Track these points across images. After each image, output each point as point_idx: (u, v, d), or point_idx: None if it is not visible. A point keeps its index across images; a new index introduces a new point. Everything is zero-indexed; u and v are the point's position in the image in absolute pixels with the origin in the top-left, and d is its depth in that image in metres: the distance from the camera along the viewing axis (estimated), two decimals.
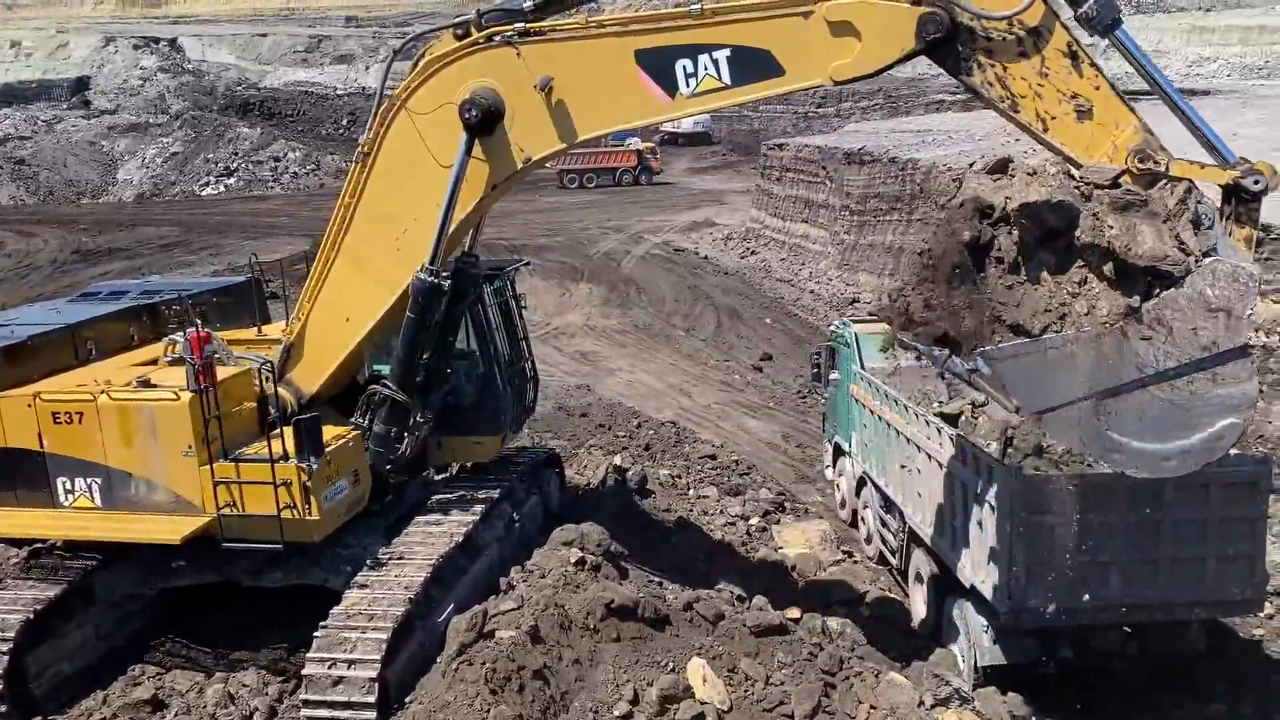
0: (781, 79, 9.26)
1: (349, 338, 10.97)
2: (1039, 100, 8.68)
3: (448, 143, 10.10)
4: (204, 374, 10.12)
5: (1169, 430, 7.95)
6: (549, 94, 9.76)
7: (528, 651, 9.36)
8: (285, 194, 64.32)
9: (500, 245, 41.09)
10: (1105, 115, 8.63)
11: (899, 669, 10.89)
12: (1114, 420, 8.02)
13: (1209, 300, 7.75)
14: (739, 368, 26.87)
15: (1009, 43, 8.60)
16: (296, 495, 10.14)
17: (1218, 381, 7.78)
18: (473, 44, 10.04)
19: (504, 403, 12.33)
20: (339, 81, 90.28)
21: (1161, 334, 7.90)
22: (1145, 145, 8.47)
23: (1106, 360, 8.03)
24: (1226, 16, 75.79)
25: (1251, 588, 10.89)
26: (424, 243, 10.37)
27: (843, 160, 36.38)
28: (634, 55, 9.50)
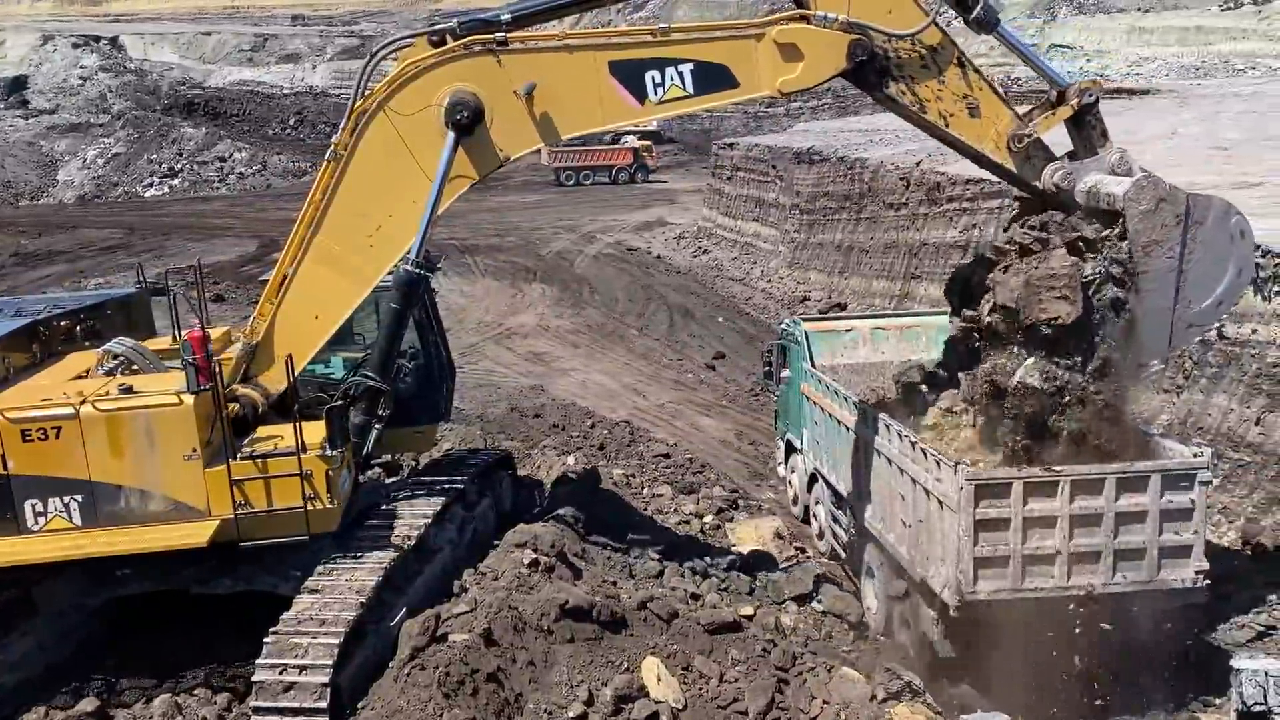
0: (737, 90, 10.95)
1: (319, 335, 11.16)
2: (940, 103, 11.11)
3: (426, 144, 10.75)
4: (206, 374, 9.99)
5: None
6: (530, 99, 10.69)
7: (481, 654, 9.33)
8: (231, 195, 63.36)
9: (451, 245, 40.84)
10: (989, 110, 11.24)
11: (851, 664, 11.01)
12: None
13: (1150, 219, 10.31)
14: (692, 366, 26.97)
15: (914, 58, 10.96)
16: (320, 486, 10.19)
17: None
18: (453, 51, 10.74)
19: (443, 393, 12.80)
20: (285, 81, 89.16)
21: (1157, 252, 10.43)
22: (1018, 129, 11.19)
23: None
24: (1165, 18, 77.47)
25: (1192, 577, 11.15)
26: (397, 239, 10.92)
27: (792, 160, 36.63)
28: (607, 66, 10.75)
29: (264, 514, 10.19)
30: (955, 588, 10.84)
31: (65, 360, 11.94)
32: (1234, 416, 15.56)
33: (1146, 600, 11.28)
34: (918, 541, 11.79)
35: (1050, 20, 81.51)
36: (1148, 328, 10.61)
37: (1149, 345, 10.83)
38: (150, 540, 10.01)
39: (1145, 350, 10.87)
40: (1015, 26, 14.21)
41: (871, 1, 10.74)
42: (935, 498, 11.21)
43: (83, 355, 11.99)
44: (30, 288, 36.00)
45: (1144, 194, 10.37)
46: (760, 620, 11.71)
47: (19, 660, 10.48)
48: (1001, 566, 10.83)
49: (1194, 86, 54.18)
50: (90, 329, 12.63)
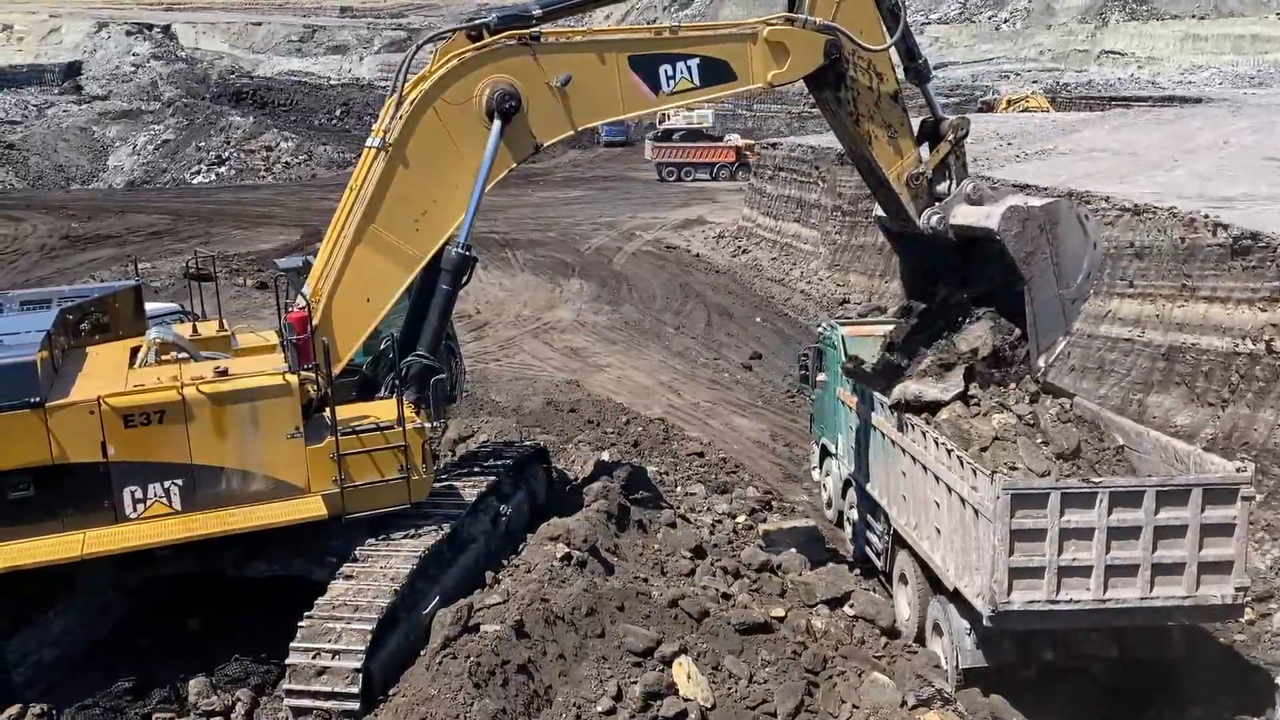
0: (735, 83, 12.66)
1: (370, 318, 11.59)
2: (871, 122, 13.07)
3: (470, 131, 11.51)
4: (306, 354, 10.41)
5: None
6: (564, 90, 11.76)
7: (512, 646, 9.39)
8: (277, 184, 64.09)
9: (492, 239, 41.06)
10: (904, 145, 13.29)
11: (882, 669, 10.95)
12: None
13: (1022, 238, 12.49)
14: (728, 366, 26.91)
15: (866, 75, 12.87)
16: (416, 457, 10.74)
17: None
18: (493, 45, 11.50)
19: (458, 378, 13.29)
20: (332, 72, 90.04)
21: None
22: (917, 170, 13.27)
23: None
24: (1220, 25, 76.16)
25: (1232, 594, 10.96)
26: (442, 224, 11.60)
27: (835, 161, 36.37)
28: (628, 61, 12.04)
29: (366, 486, 10.60)
30: (989, 597, 10.74)
31: (97, 350, 11.99)
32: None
33: (1185, 616, 11.12)
34: (952, 549, 11.70)
35: (1101, 26, 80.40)
36: (1044, 316, 12.64)
37: (1050, 327, 12.80)
38: (264, 517, 10.21)
39: (1049, 332, 12.78)
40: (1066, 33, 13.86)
41: (849, 16, 12.70)
42: (971, 506, 11.11)
43: (113, 346, 12.12)
44: (79, 270, 36.68)
45: (1012, 222, 12.41)
46: (791, 622, 11.68)
47: (58, 637, 10.67)
48: (1036, 577, 10.71)
49: (1249, 95, 53.16)
50: (98, 322, 12.78)
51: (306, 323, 10.62)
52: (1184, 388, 17.89)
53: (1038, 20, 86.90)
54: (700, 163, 61.58)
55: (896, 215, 13.66)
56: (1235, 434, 16.10)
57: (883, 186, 13.39)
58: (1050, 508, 10.62)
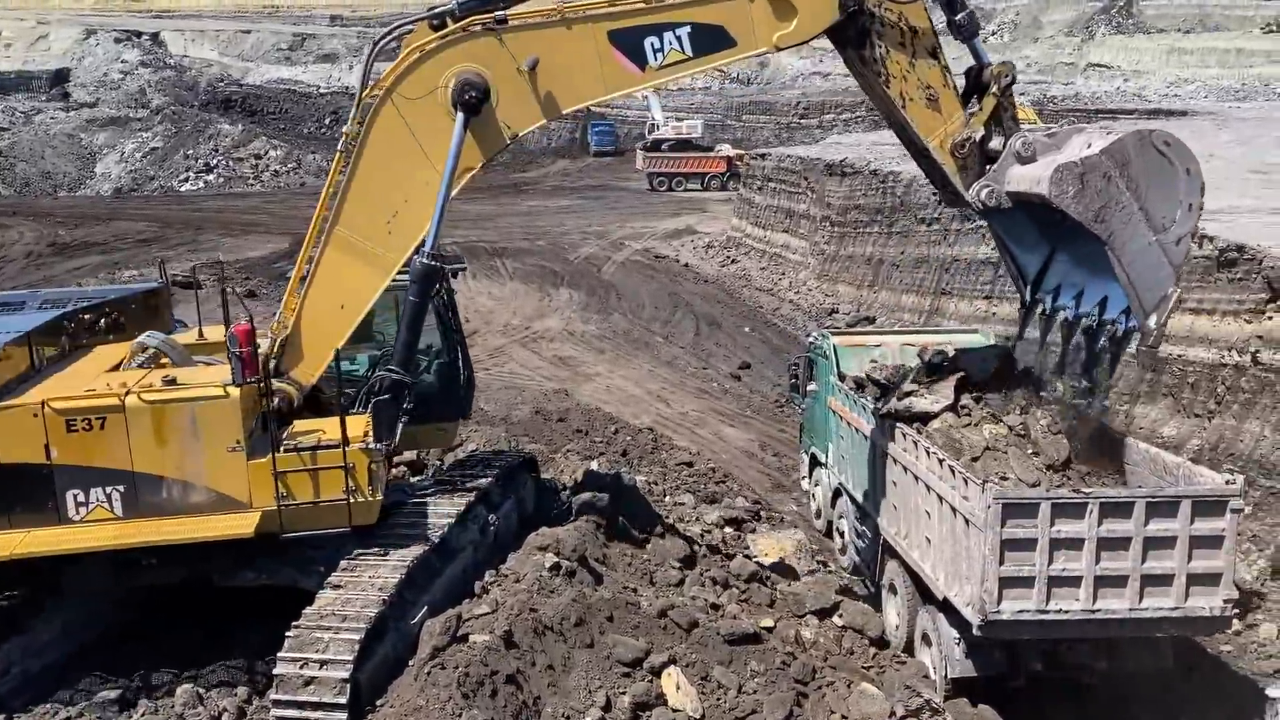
0: (734, 49, 11.15)
1: (345, 325, 11.23)
2: (904, 82, 11.30)
3: (435, 127, 10.79)
4: (251, 367, 10.10)
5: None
6: (533, 74, 10.79)
7: (501, 656, 9.34)
8: (266, 192, 63.96)
9: (481, 248, 41.05)
10: (946, 107, 11.43)
11: (871, 680, 10.93)
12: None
13: (1084, 196, 10.68)
14: (717, 376, 26.92)
15: (895, 31, 11.17)
16: (362, 479, 10.32)
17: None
18: (455, 33, 10.77)
19: (464, 390, 12.90)
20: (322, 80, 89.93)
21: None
22: (963, 135, 11.44)
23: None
24: (1204, 39, 76.81)
25: (1220, 605, 10.98)
26: (415, 224, 10.98)
27: (824, 171, 36.53)
28: (607, 36, 10.85)
29: (307, 506, 10.30)
30: (979, 607, 10.74)
31: (94, 353, 12.05)
32: (1266, 444, 15.38)
33: (1174, 628, 11.15)
34: (942, 559, 11.70)
35: (1088, 39, 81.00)
36: (1141, 270, 10.88)
37: (1152, 281, 10.96)
38: (195, 530, 10.08)
39: (1151, 287, 10.95)
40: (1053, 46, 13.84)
41: None
42: (962, 515, 11.13)
43: (111, 348, 12.11)
44: (66, 278, 36.49)
45: (1065, 183, 10.62)
46: (780, 633, 11.66)
47: (43, 646, 10.59)
48: (1026, 587, 10.72)
49: (1233, 109, 53.60)
50: (114, 322, 12.77)
51: (250, 335, 10.15)
52: (1171, 399, 17.98)
53: (1025, 33, 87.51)
54: (691, 172, 61.91)
55: (944, 189, 12.01)
56: (1222, 445, 16.19)
57: (924, 156, 11.72)
58: (1040, 518, 10.63)
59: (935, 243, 28.62)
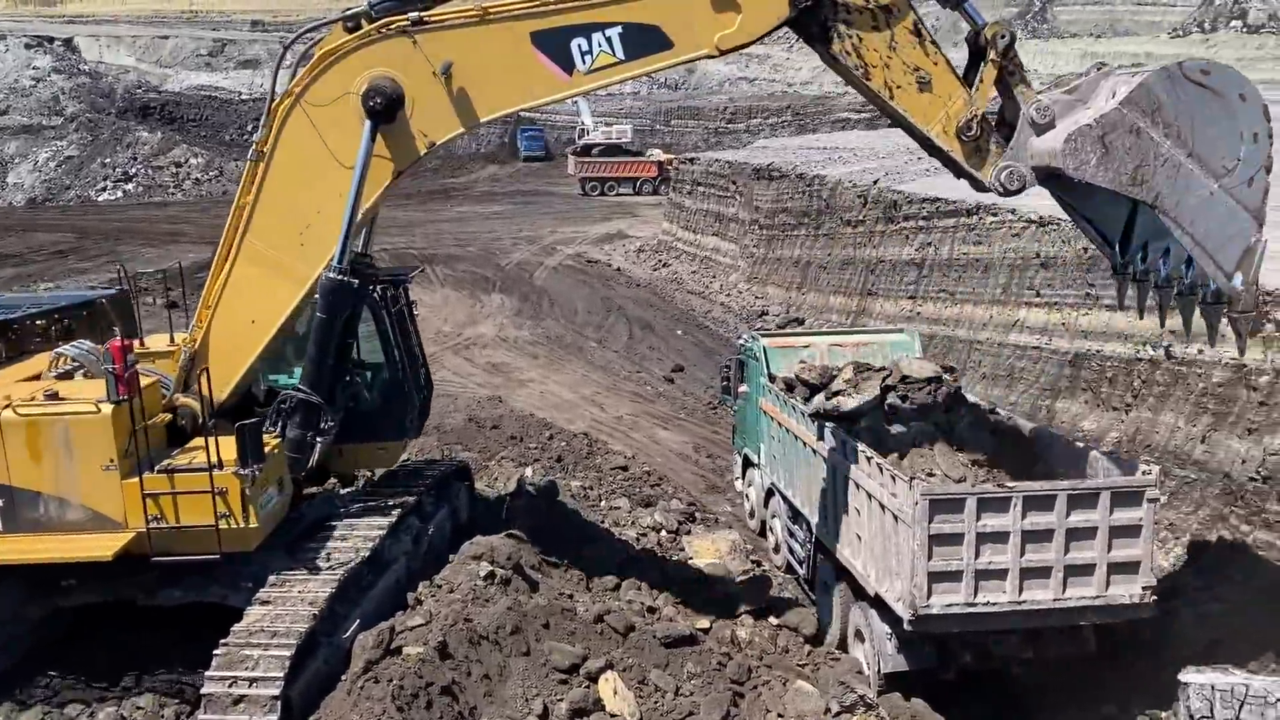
0: (671, 51, 10.08)
1: (256, 341, 10.80)
2: (888, 70, 10.02)
3: (347, 134, 10.24)
4: (126, 384, 9.79)
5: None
6: (449, 79, 10.08)
7: (436, 667, 9.26)
8: (187, 201, 62.54)
9: (410, 254, 40.62)
10: (941, 88, 10.08)
11: (806, 677, 11.06)
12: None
13: (1110, 159, 9.28)
14: (651, 379, 27.00)
15: (865, 15, 9.92)
16: (235, 504, 9.91)
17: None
18: (367, 35, 10.22)
19: (408, 408, 12.34)
20: (244, 86, 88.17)
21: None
22: (971, 117, 10.05)
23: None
24: (1116, 43, 79.26)
25: (1140, 592, 11.33)
26: (328, 237, 10.43)
27: (752, 175, 36.90)
28: (529, 37, 10.01)
29: (176, 529, 9.95)
30: (909, 602, 10.93)
31: (29, 360, 11.81)
32: (1180, 435, 15.87)
33: (1096, 616, 11.46)
34: (873, 555, 11.89)
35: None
36: (1209, 224, 9.34)
37: (1228, 232, 9.39)
38: (60, 550, 9.84)
39: (1226, 241, 9.42)
40: None
41: None
42: (891, 512, 11.31)
43: (47, 356, 11.82)
44: None
45: (1083, 150, 9.30)
46: (716, 634, 11.73)
47: None
48: (955, 581, 10.93)
49: None
50: (66, 329, 12.42)
51: (124, 352, 9.81)
52: (1090, 393, 18.48)
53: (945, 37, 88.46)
54: (624, 177, 62.31)
55: (961, 178, 10.61)
56: (1139, 437, 16.67)
57: (931, 146, 10.39)
58: (967, 512, 10.86)
59: (861, 244, 29.06)
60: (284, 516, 10.95)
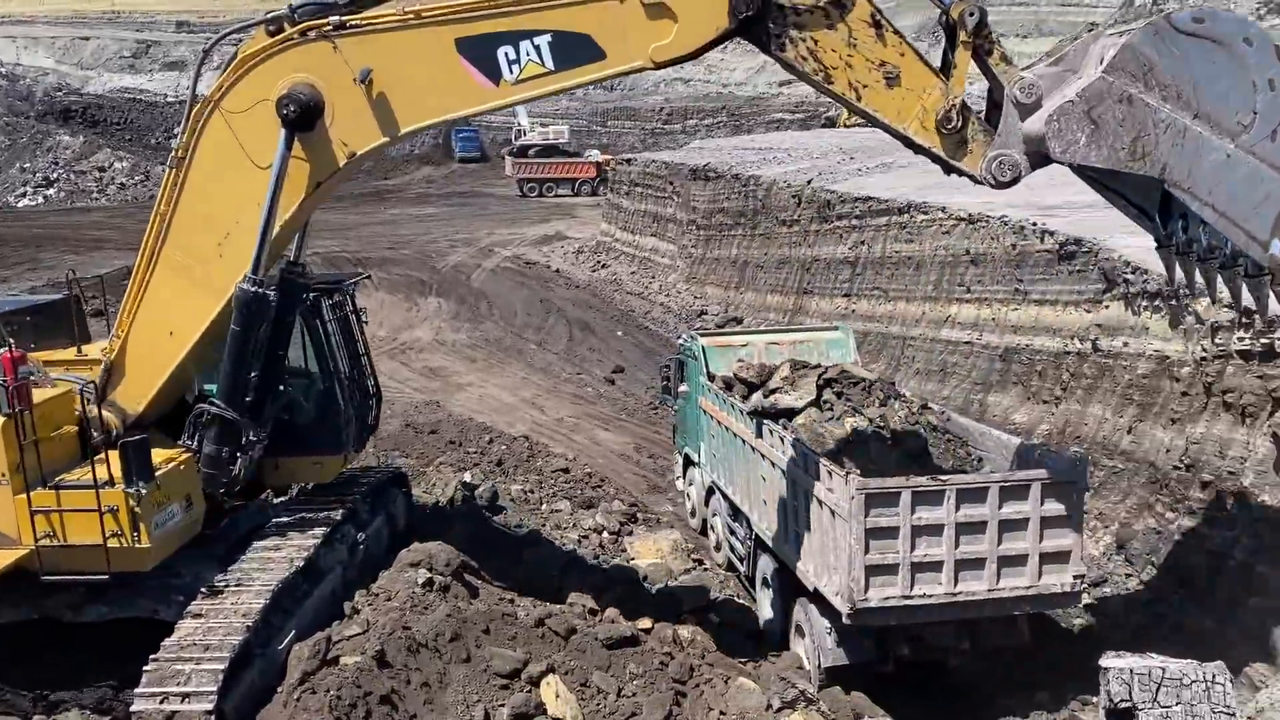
0: (604, 63, 9.44)
1: (174, 353, 10.47)
2: (850, 70, 9.21)
3: (266, 142, 9.83)
4: (17, 396, 9.46)
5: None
6: (369, 87, 9.64)
7: (374, 676, 9.13)
8: (111, 206, 60.97)
9: (344, 258, 40.08)
10: (912, 81, 9.28)
11: (748, 674, 11.11)
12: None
13: (1103, 134, 8.36)
14: (591, 380, 26.96)
15: (817, 15, 9.14)
16: (124, 522, 9.59)
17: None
18: (287, 39, 9.85)
19: (344, 421, 12.00)
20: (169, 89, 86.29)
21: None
22: (949, 108, 9.19)
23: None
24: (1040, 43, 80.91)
25: (1070, 581, 11.59)
26: (248, 248, 10.05)
27: (689, 176, 37.07)
28: (454, 44, 9.50)
29: (65, 547, 9.64)
30: (848, 596, 11.05)
31: None
32: (1108, 426, 16.27)
33: (1029, 605, 11.69)
34: (811, 551, 12.00)
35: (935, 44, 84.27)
36: (1231, 189, 8.34)
37: (1255, 196, 8.39)
38: None
39: (1257, 205, 8.41)
40: None
41: None
42: (828, 507, 11.43)
43: None
44: None
45: (1069, 130, 8.37)
46: (658, 634, 11.72)
47: None
48: (891, 574, 11.08)
49: None
50: (14, 333, 11.96)
51: (15, 365, 9.45)
52: (1020, 386, 18.88)
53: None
54: (562, 178, 62.20)
55: (951, 173, 9.70)
56: (1068, 429, 17.06)
57: (913, 145, 9.52)
58: (902, 506, 11.01)
59: (796, 244, 29.35)
60: (194, 534, 10.63)
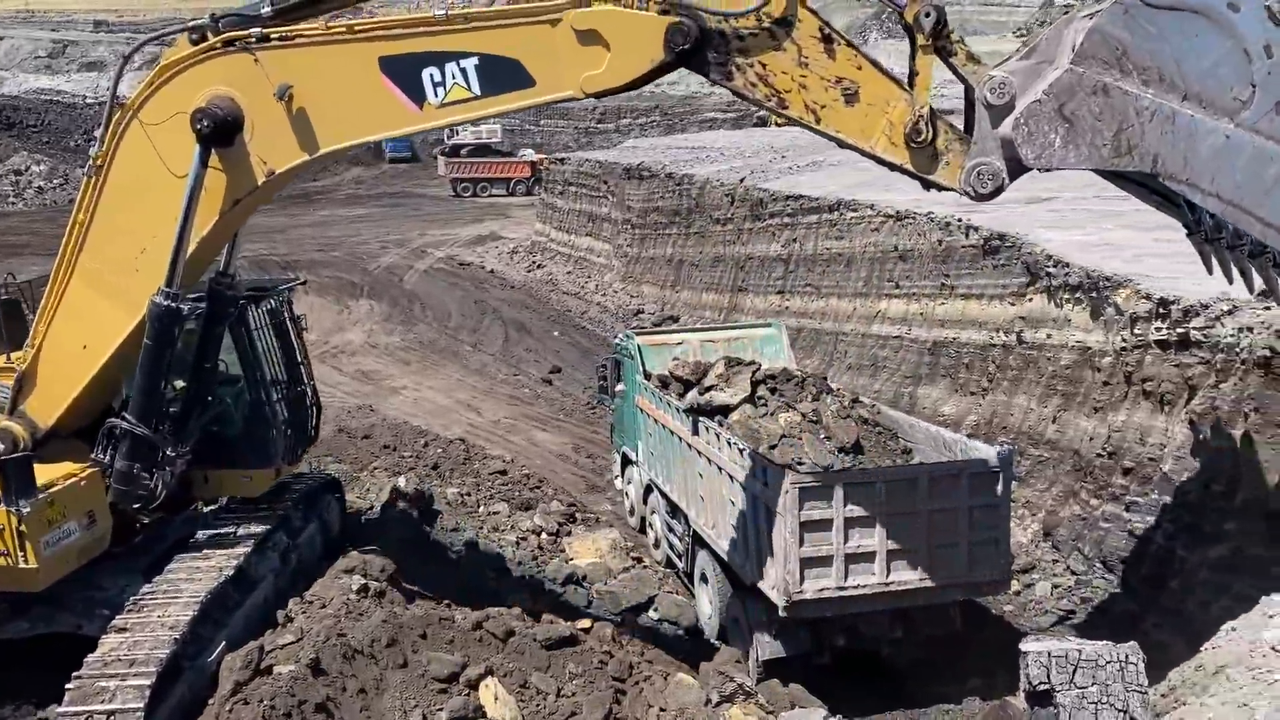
0: (532, 90, 9.02)
1: (88, 366, 10.13)
2: (805, 91, 8.54)
3: (185, 155, 9.51)
4: None
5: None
6: (289, 103, 9.31)
7: (309, 685, 8.98)
8: (29, 210, 59.09)
9: (272, 262, 39.39)
10: (873, 94, 8.54)
11: (687, 670, 11.17)
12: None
13: (1082, 128, 7.53)
14: (528, 381, 26.86)
15: (761, 37, 8.49)
16: (10, 542, 9.26)
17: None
18: (208, 49, 9.52)
19: (274, 434, 11.72)
20: (88, 90, 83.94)
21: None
22: (916, 119, 8.40)
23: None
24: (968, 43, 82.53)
25: (1000, 569, 11.85)
26: (166, 263, 9.71)
27: (623, 175, 37.10)
28: (378, 63, 9.12)
29: None
30: (783, 588, 11.17)
31: None
32: (1033, 416, 16.67)
33: (960, 592, 11.93)
34: (748, 546, 12.10)
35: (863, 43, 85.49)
36: (1235, 174, 7.40)
37: (1263, 176, 7.40)
38: None
39: (1269, 187, 7.43)
40: None
41: None
42: (763, 502, 11.54)
43: None
44: None
45: (1040, 133, 7.62)
46: (597, 633, 11.71)
47: None
48: (826, 566, 11.23)
49: None
50: None
51: None
52: (949, 379, 19.25)
53: None
54: (496, 178, 61.67)
55: (930, 189, 8.93)
56: (995, 419, 17.45)
57: (884, 164, 8.77)
58: (835, 498, 11.17)
59: (730, 242, 29.56)
60: (99, 551, 10.31)
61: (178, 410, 10.62)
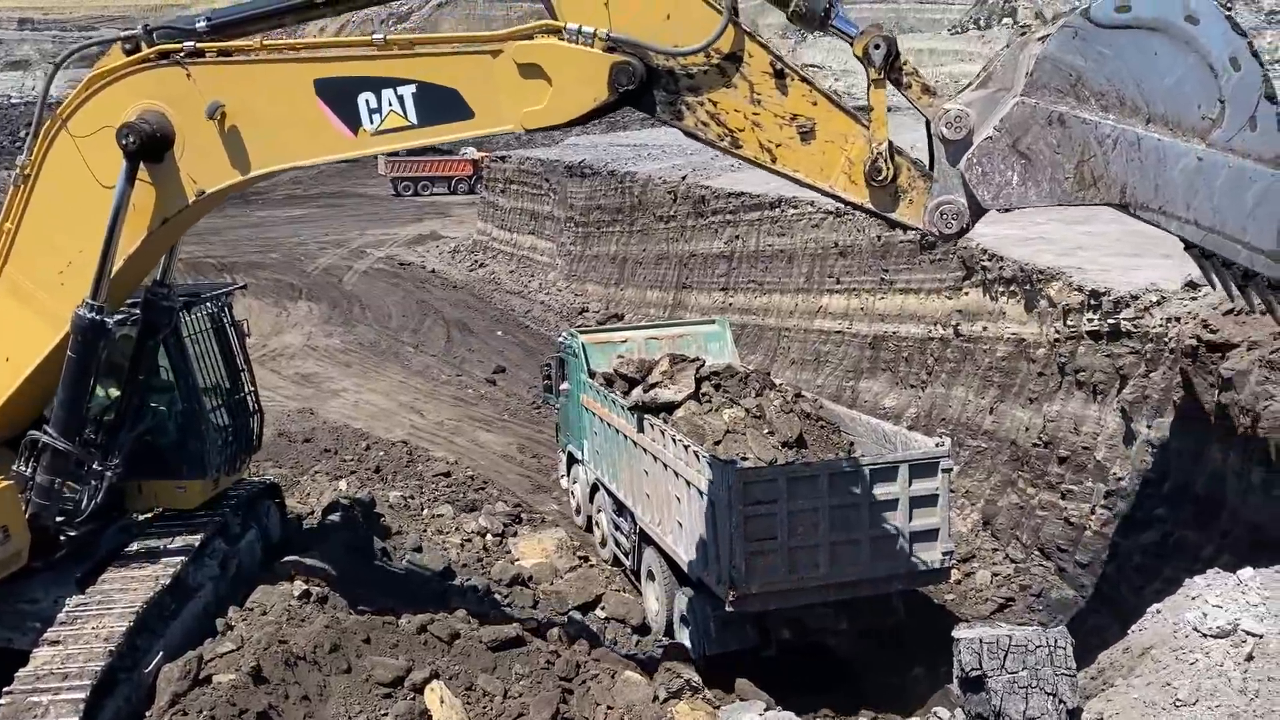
0: (471, 122, 8.69)
1: (10, 380, 9.78)
2: (759, 130, 8.13)
3: (113, 168, 9.14)
4: None
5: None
6: (221, 121, 9.00)
7: (250, 694, 8.83)
8: None
9: (209, 264, 38.68)
10: (830, 131, 8.10)
11: (634, 667, 11.19)
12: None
13: (1039, 162, 7.03)
14: (471, 382, 26.68)
15: (711, 74, 8.09)
16: None
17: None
18: (140, 61, 9.16)
19: (209, 444, 11.47)
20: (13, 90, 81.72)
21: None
22: (875, 155, 7.86)
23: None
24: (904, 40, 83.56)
25: (940, 558, 12.05)
26: (91, 278, 9.37)
27: (565, 173, 37.01)
28: (313, 85, 8.78)
29: None
30: (729, 583, 11.23)
31: None
32: (971, 407, 16.97)
33: (902, 582, 12.10)
34: (693, 541, 12.15)
35: (801, 41, 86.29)
36: (1213, 199, 6.94)
37: (1242, 200, 6.94)
38: None
39: (1250, 210, 6.96)
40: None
41: (641, 6, 8.04)
42: (708, 497, 11.60)
43: None
44: None
45: (994, 174, 7.12)
46: (543, 633, 11.70)
47: None
48: (771, 559, 11.33)
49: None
50: None
51: None
52: (889, 373, 19.52)
53: None
54: (438, 176, 60.96)
55: (896, 228, 8.75)
56: (935, 411, 17.73)
57: (847, 204, 8.29)
58: (779, 492, 11.26)
59: (673, 239, 29.65)
60: (15, 567, 9.98)
61: (110, 420, 10.33)
